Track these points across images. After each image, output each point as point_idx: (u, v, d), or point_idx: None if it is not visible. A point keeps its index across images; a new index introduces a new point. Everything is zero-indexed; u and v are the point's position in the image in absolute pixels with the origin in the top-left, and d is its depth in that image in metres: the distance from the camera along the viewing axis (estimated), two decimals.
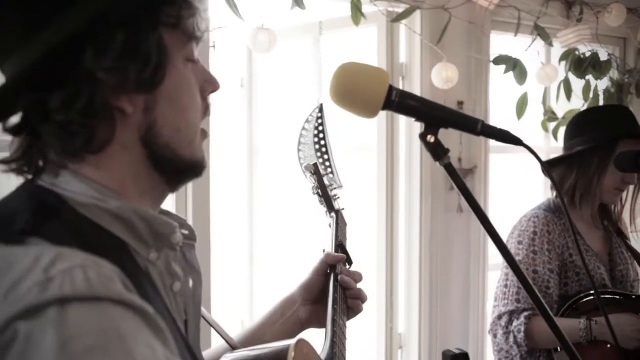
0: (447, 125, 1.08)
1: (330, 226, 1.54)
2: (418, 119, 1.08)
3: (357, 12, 2.65)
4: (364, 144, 3.12)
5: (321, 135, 2.53)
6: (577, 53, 3.39)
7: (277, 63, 3.31)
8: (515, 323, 2.14)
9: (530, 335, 2.11)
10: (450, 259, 3.06)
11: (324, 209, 1.59)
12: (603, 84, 3.56)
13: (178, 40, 0.87)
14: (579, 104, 3.46)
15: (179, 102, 0.88)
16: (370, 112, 1.05)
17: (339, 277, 1.32)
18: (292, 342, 1.08)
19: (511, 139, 1.09)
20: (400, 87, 2.98)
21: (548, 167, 1.09)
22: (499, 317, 2.19)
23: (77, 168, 0.84)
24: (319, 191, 1.59)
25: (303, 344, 1.10)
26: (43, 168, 0.85)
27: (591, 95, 3.50)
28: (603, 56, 3.52)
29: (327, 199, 1.59)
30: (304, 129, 2.61)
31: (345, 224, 1.55)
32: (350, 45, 3.20)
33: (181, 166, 0.91)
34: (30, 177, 0.86)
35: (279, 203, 3.44)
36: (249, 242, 3.53)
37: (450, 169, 1.08)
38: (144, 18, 0.82)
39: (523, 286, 1.03)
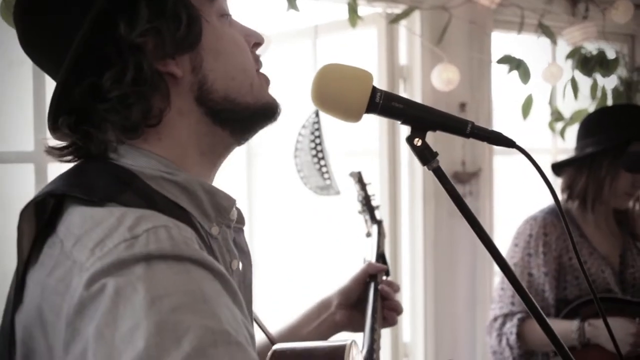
0: (435, 127, 1.02)
1: (368, 235, 1.57)
2: (404, 121, 1.01)
3: (353, 14, 2.59)
4: (365, 147, 3.07)
5: (317, 141, 2.49)
6: (582, 51, 3.31)
7: (274, 68, 3.26)
8: (508, 325, 2.15)
9: (522, 337, 2.12)
10: (455, 265, 2.99)
11: (364, 217, 1.61)
12: (611, 82, 3.48)
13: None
14: (586, 103, 3.38)
15: (225, 52, 0.91)
16: (353, 116, 0.99)
17: (380, 287, 1.35)
18: (346, 342, 1.11)
19: (503, 140, 1.03)
20: (401, 90, 2.94)
21: (542, 170, 1.03)
22: (494, 319, 2.21)
23: (141, 142, 0.88)
24: (363, 200, 1.61)
25: (354, 346, 1.13)
26: (105, 149, 0.88)
27: (599, 93, 3.42)
28: (610, 54, 3.44)
29: (370, 209, 1.61)
30: (300, 134, 2.57)
31: (384, 235, 1.59)
32: (349, 48, 3.15)
33: (247, 112, 0.93)
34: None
35: (278, 209, 3.39)
36: (250, 247, 3.48)
37: (438, 173, 1.02)
38: None
39: (515, 289, 0.97)
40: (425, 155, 1.00)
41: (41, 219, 0.81)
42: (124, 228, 0.73)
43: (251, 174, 3.45)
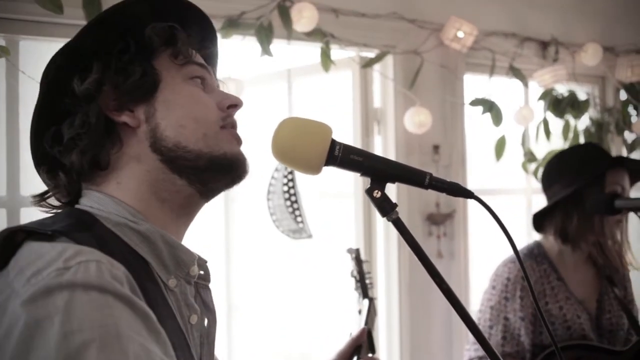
0: (394, 179, 1.03)
1: (360, 312, 1.58)
2: (363, 173, 1.03)
3: (326, 59, 2.62)
4: (339, 190, 3.07)
5: (290, 184, 2.49)
6: (554, 93, 3.37)
7: (248, 110, 3.28)
8: None
9: None
10: (431, 307, 2.99)
11: (357, 293, 1.63)
12: (582, 123, 3.54)
13: (165, 59, 0.98)
14: (558, 143, 3.43)
15: (178, 103, 0.96)
16: (313, 169, 1.00)
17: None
18: None
19: (461, 191, 1.05)
20: (375, 132, 2.96)
21: (500, 220, 1.04)
22: None
23: (103, 187, 0.95)
24: (357, 276, 1.63)
25: None
26: (79, 195, 0.96)
27: (571, 134, 3.47)
28: (581, 95, 3.50)
29: (364, 286, 1.62)
30: (272, 177, 2.58)
31: (375, 313, 1.61)
32: (323, 90, 3.18)
33: (201, 161, 0.95)
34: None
35: (255, 252, 3.38)
36: (227, 291, 3.46)
37: (398, 225, 1.03)
38: (118, 43, 0.97)
39: (473, 334, 0.98)
40: (385, 207, 1.01)
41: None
42: (61, 260, 0.78)
43: (229, 218, 3.44)
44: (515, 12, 3.29)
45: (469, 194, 1.04)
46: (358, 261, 1.63)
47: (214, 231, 3.61)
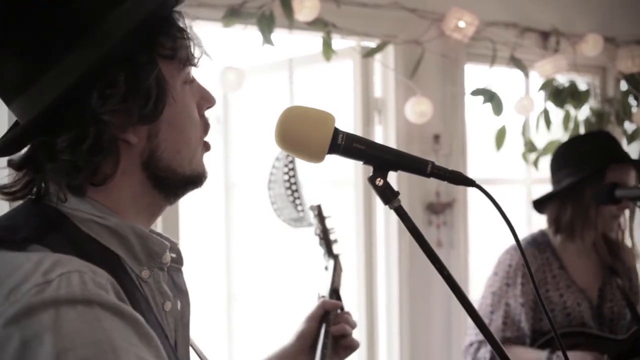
0: (396, 167, 1.04)
1: (326, 269, 1.56)
2: (366, 162, 1.03)
3: (328, 49, 2.63)
4: (341, 178, 3.09)
5: (291, 173, 2.51)
6: (554, 83, 3.38)
7: (252, 99, 3.29)
8: (482, 351, 2.15)
9: None
10: (431, 295, 3.01)
11: (322, 251, 1.61)
12: (582, 113, 3.55)
13: (175, 68, 0.93)
14: (558, 134, 3.44)
15: (180, 125, 0.93)
16: (316, 157, 1.01)
17: (333, 329, 1.35)
18: None
19: (463, 180, 1.05)
20: (376, 122, 2.97)
21: (501, 208, 1.05)
22: (470, 345, 2.21)
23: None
24: (321, 233, 1.60)
25: None
26: (46, 192, 0.89)
27: (571, 125, 3.48)
28: (582, 86, 3.51)
29: (327, 243, 1.60)
30: (274, 167, 2.59)
31: (341, 270, 1.57)
32: (324, 79, 3.18)
33: (181, 182, 0.96)
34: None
35: (256, 240, 3.40)
36: (227, 280, 3.48)
37: (400, 212, 1.04)
38: (142, 57, 0.88)
39: (472, 320, 1.00)
40: (387, 195, 1.02)
41: None
42: (39, 273, 0.75)
43: (229, 205, 3.46)
44: (516, 3, 3.30)
45: (471, 182, 1.04)
46: (320, 218, 1.60)
47: (214, 219, 3.63)
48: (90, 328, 0.72)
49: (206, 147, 1.00)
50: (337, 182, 3.14)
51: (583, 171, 2.17)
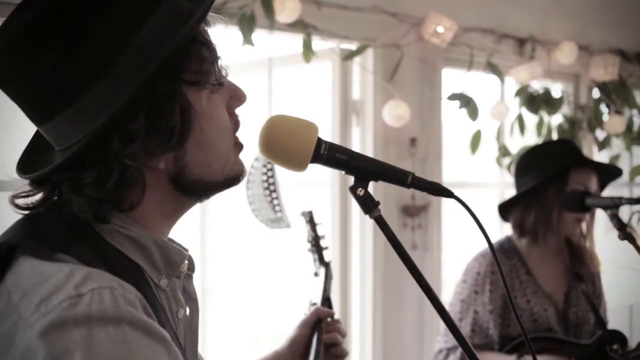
0: (377, 178, 1.06)
1: (316, 275, 1.57)
2: (348, 172, 1.05)
3: (308, 50, 2.64)
4: (318, 179, 3.10)
5: (270, 174, 2.51)
6: (529, 90, 3.43)
7: None
8: (451, 357, 2.19)
9: None
10: (404, 296, 3.04)
11: (313, 258, 1.61)
12: (556, 119, 3.61)
13: (200, 90, 0.89)
14: (532, 139, 3.49)
15: (208, 143, 0.91)
16: (299, 166, 1.02)
17: (325, 337, 1.37)
18: None
19: (441, 190, 1.08)
20: (354, 124, 2.99)
21: (478, 218, 1.07)
22: (439, 352, 2.25)
23: None
24: (312, 240, 1.62)
25: None
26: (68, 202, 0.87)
27: (544, 130, 3.54)
28: (556, 92, 3.57)
29: (319, 250, 1.61)
30: (252, 167, 2.59)
31: (332, 277, 1.59)
32: (303, 80, 3.20)
33: (214, 188, 0.95)
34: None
35: (232, 238, 3.40)
36: (202, 276, 3.48)
37: (380, 222, 1.06)
38: (165, 88, 0.84)
39: (448, 328, 1.01)
40: (368, 205, 1.04)
41: None
42: (70, 285, 0.75)
43: (205, 204, 3.44)
44: (494, 9, 3.34)
45: (449, 194, 1.07)
46: (312, 224, 1.62)
47: (188, 215, 3.62)
48: (120, 350, 0.73)
49: (238, 147, 0.98)
50: (313, 183, 3.16)
51: (546, 173, 2.21)
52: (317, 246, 1.60)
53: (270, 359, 1.36)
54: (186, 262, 0.96)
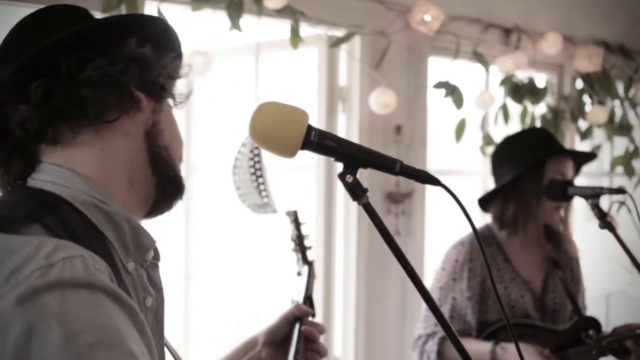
0: (366, 165, 1.08)
1: (299, 275, 1.58)
2: (337, 159, 1.07)
3: (295, 36, 2.65)
4: (303, 164, 3.12)
5: (256, 159, 2.53)
6: (514, 79, 3.46)
7: (215, 83, 3.29)
8: (429, 344, 2.21)
9: (442, 356, 2.18)
10: (387, 282, 3.07)
11: (296, 257, 1.62)
12: (540, 109, 3.65)
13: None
14: (516, 128, 3.52)
15: (173, 123, 1.03)
16: (289, 152, 1.04)
17: (303, 328, 1.38)
18: None
19: (429, 178, 1.09)
20: (340, 110, 3.01)
21: (464, 206, 1.09)
22: (418, 338, 2.26)
23: (64, 163, 0.90)
24: (296, 239, 1.62)
25: None
26: (31, 167, 0.91)
27: (528, 120, 3.57)
28: (540, 82, 3.61)
29: (303, 250, 1.62)
30: (239, 152, 2.60)
31: (314, 276, 1.60)
32: (290, 65, 3.20)
33: (171, 174, 1.01)
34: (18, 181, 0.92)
35: (216, 223, 3.41)
36: (185, 262, 3.49)
37: (368, 209, 1.07)
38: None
39: (434, 316, 1.04)
40: (356, 192, 1.06)
41: None
42: (40, 256, 0.75)
43: (190, 188, 3.45)
44: None
45: (436, 182, 1.09)
46: (297, 224, 1.63)
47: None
48: (95, 313, 0.73)
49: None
50: (299, 167, 3.17)
51: (523, 166, 2.23)
52: (300, 245, 1.61)
53: (248, 344, 1.38)
54: (152, 251, 0.97)
